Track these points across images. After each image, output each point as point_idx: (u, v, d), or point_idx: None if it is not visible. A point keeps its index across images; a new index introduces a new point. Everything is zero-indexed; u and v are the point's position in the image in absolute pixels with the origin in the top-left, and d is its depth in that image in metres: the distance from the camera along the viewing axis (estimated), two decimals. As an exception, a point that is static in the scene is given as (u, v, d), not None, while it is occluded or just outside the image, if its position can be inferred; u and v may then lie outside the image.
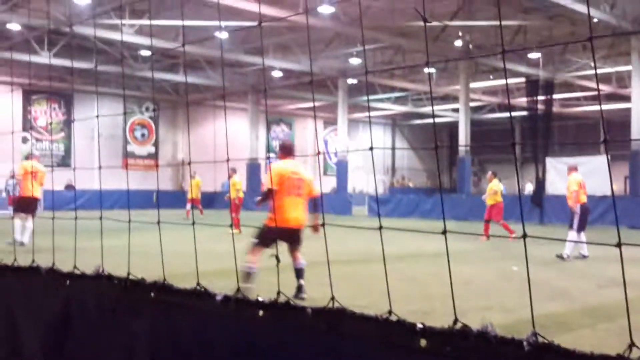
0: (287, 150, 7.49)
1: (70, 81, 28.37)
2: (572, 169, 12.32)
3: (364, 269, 9.42)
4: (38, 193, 12.59)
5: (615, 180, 33.11)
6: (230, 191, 15.92)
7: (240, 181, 17.07)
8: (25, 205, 12.06)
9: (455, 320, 1.51)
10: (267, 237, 6.79)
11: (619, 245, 1.31)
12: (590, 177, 22.17)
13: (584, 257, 11.14)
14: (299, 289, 6.68)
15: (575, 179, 11.75)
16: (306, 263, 7.02)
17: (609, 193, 22.65)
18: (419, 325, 1.55)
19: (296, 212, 6.99)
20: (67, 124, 32.23)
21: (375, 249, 11.90)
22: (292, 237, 6.97)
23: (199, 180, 23.73)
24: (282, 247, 7.03)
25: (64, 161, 32.30)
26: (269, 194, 7.11)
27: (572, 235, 11.32)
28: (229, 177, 17.75)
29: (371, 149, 1.77)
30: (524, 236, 1.53)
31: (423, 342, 1.53)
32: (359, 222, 19.22)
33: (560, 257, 11.01)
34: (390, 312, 1.64)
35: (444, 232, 1.66)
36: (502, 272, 9.53)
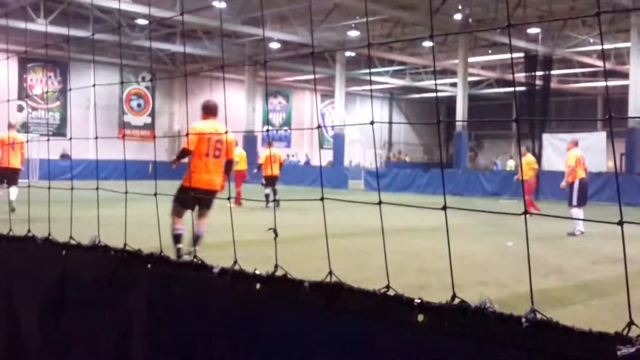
0: (208, 110, 7.32)
1: (66, 49, 28.05)
2: (573, 144, 12.33)
3: (359, 243, 9.45)
4: (16, 163, 12.37)
5: (612, 158, 33.12)
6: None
7: (240, 153, 16.95)
8: (3, 175, 12.01)
9: (454, 296, 1.51)
10: (184, 198, 6.67)
11: (620, 223, 1.31)
12: (587, 154, 22.18)
13: (582, 233, 11.19)
14: (188, 253, 6.10)
15: (573, 154, 11.78)
16: (203, 231, 6.82)
17: (604, 170, 22.72)
18: (417, 300, 1.55)
19: (210, 174, 6.84)
20: (63, 92, 31.98)
21: (371, 223, 11.96)
22: (204, 199, 6.82)
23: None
24: (283, 220, 7.01)
25: (60, 130, 32.15)
26: (183, 153, 6.96)
27: (575, 211, 11.39)
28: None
29: (372, 123, 1.75)
30: (525, 213, 1.52)
31: (420, 317, 1.53)
32: (355, 196, 19.25)
33: (572, 234, 11.07)
34: (388, 287, 1.63)
35: (444, 208, 1.64)
36: (497, 247, 9.59)
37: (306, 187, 27.07)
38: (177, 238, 6.54)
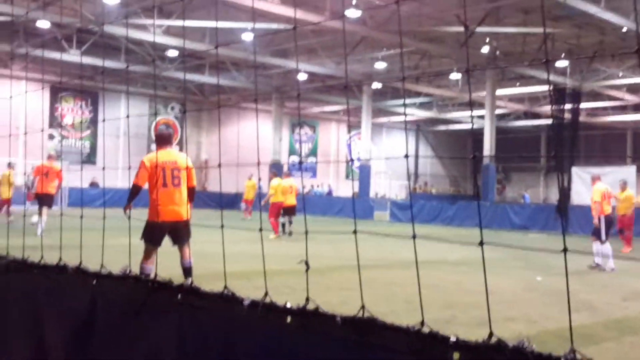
0: (162, 140, 7.05)
1: (97, 79, 28.71)
2: (596, 178, 12.09)
3: (385, 275, 9.35)
4: (51, 189, 13.54)
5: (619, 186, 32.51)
6: (268, 194, 16.10)
7: (278, 185, 16.43)
8: (41, 201, 13.25)
9: (490, 334, 1.47)
10: (153, 234, 6.33)
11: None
12: (617, 189, 21.79)
13: (612, 270, 10.92)
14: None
15: (598, 189, 11.54)
16: (192, 262, 6.54)
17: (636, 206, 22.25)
18: (452, 339, 1.51)
19: (173, 204, 6.55)
20: (93, 122, 32.63)
21: (396, 256, 11.85)
22: (175, 231, 6.49)
23: (254, 182, 23.69)
24: (319, 251, 6.98)
25: (90, 159, 32.70)
26: (134, 190, 6.61)
27: (597, 245, 11.12)
28: (269, 179, 17.74)
29: (406, 156, 1.73)
30: (564, 250, 1.48)
31: (456, 356, 1.49)
32: (381, 228, 19.14)
33: (603, 269, 10.80)
34: (422, 323, 1.60)
35: (481, 244, 1.61)
36: (526, 282, 9.40)
37: (330, 217, 27.00)
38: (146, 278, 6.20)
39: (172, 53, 26.76)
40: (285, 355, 1.90)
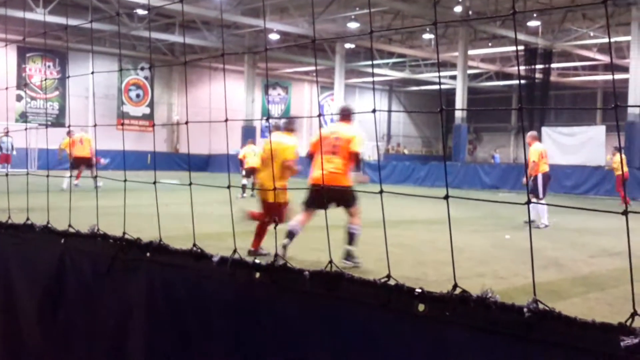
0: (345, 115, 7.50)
1: (64, 39, 27.94)
2: (534, 138, 12.17)
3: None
4: (85, 153, 17.33)
5: (610, 151, 33.12)
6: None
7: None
8: (79, 162, 17.04)
9: (455, 286, 1.50)
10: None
11: (625, 212, 1.30)
12: (586, 147, 22.20)
13: (546, 226, 11.20)
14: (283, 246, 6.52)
15: (536, 149, 11.72)
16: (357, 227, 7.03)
17: (603, 164, 22.72)
18: (418, 290, 1.54)
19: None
20: (62, 82, 31.91)
21: (369, 215, 11.92)
22: (331, 196, 7.00)
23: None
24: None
25: (58, 120, 32.09)
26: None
27: (542, 204, 11.38)
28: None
29: (374, 111, 1.73)
30: (528, 202, 1.51)
31: (421, 307, 1.52)
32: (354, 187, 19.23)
33: (537, 227, 11.06)
34: (388, 277, 1.62)
35: (446, 197, 1.63)
36: (495, 240, 9.59)
37: (304, 178, 27.05)
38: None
39: (141, 11, 26.11)
40: (255, 310, 1.92)
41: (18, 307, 2.70)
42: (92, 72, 2.69)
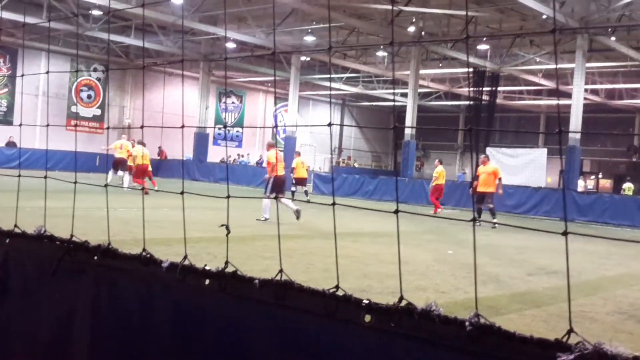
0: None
1: (16, 36, 27.15)
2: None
3: (304, 245, 9.48)
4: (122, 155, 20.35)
5: (551, 174, 34.28)
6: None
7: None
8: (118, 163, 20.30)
9: (401, 298, 1.55)
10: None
11: (565, 233, 1.37)
12: (529, 169, 22.88)
13: (265, 219, 12.27)
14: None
15: (273, 154, 13.07)
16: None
17: (544, 185, 23.48)
18: (365, 301, 1.59)
19: None
20: (11, 79, 30.98)
21: (316, 226, 12.02)
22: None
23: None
24: (242, 220, 7.00)
25: (6, 117, 31.09)
26: None
27: (266, 201, 12.52)
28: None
29: (330, 124, 1.78)
30: (474, 220, 1.58)
31: (368, 318, 1.56)
32: (303, 199, 19.28)
33: (265, 219, 12.23)
34: (337, 287, 1.66)
35: (396, 212, 1.69)
36: (438, 254, 9.78)
37: (256, 187, 26.96)
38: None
39: (97, 12, 25.65)
40: (203, 316, 1.93)
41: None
42: (48, 72, 2.66)
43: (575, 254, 9.29)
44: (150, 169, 20.07)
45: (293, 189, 20.24)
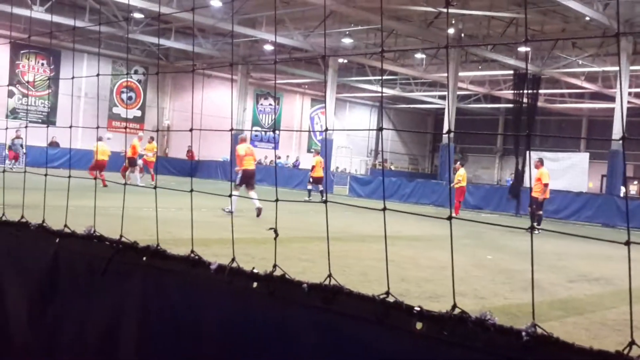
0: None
1: (60, 38, 27.83)
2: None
3: (342, 248, 9.46)
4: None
5: (593, 179, 33.53)
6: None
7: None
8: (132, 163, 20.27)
9: (454, 306, 1.52)
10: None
11: (627, 243, 1.33)
12: (570, 173, 22.43)
13: (231, 213, 11.74)
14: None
15: (242, 148, 13.48)
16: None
17: (585, 190, 22.97)
18: (417, 308, 1.57)
19: None
20: (55, 81, 31.79)
21: (353, 229, 11.99)
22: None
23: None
24: (279, 221, 7.02)
25: (49, 118, 31.90)
26: None
27: (235, 194, 12.16)
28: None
29: (381, 129, 1.77)
30: (531, 228, 1.54)
31: (419, 325, 1.54)
32: (342, 201, 19.27)
33: (229, 212, 11.73)
34: (387, 293, 1.65)
35: (449, 218, 1.67)
36: (477, 259, 9.65)
37: (291, 189, 27.04)
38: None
39: (138, 15, 26.15)
40: (251, 320, 1.93)
41: (7, 305, 2.68)
42: (98, 75, 2.70)
43: (620, 261, 9.04)
44: (151, 161, 21.05)
45: (309, 187, 20.21)
